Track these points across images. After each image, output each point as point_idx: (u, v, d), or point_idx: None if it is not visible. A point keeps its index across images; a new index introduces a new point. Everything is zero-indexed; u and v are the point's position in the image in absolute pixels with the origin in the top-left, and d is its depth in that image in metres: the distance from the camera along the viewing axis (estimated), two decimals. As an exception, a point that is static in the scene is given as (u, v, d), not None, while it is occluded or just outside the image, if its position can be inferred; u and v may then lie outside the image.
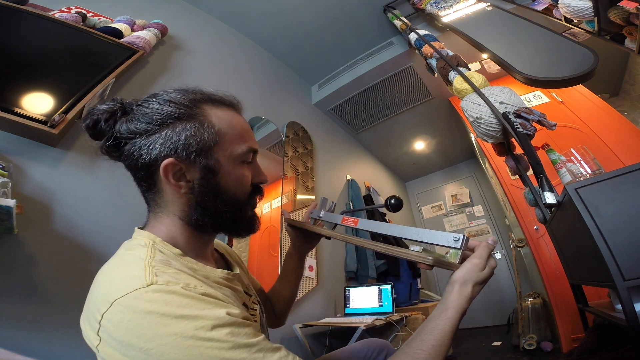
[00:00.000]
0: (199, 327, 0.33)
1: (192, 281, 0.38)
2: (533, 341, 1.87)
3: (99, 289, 0.38)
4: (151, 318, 0.33)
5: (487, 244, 0.48)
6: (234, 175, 0.48)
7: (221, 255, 0.63)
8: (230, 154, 0.48)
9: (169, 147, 0.44)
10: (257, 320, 0.55)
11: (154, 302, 0.33)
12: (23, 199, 0.83)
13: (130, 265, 0.39)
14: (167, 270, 0.38)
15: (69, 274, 0.88)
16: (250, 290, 0.60)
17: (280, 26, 2.32)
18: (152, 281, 0.35)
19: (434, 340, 0.41)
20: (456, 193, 4.06)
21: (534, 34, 1.44)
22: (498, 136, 1.20)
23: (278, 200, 1.89)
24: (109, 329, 0.34)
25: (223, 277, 0.48)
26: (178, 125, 0.45)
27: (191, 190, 0.46)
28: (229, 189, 0.48)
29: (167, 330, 0.32)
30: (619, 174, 0.75)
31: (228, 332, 0.34)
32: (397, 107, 3.00)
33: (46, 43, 1.09)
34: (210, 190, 0.47)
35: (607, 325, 1.09)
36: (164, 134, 0.44)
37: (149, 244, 0.44)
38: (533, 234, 1.94)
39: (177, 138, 0.44)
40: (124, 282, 0.36)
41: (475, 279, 0.44)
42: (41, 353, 0.76)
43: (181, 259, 0.44)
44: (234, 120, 0.50)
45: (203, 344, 0.32)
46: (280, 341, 1.51)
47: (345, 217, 0.69)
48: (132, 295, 0.34)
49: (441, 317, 0.43)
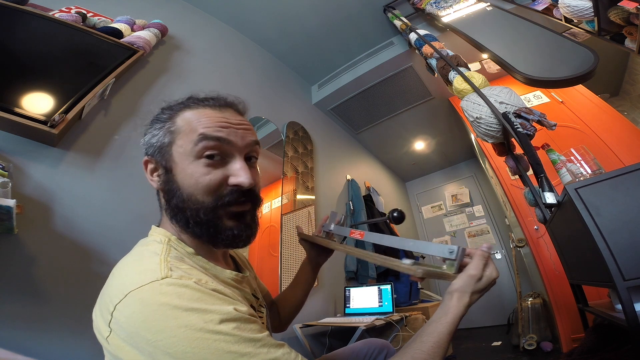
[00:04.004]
0: (207, 320, 0.34)
1: (203, 277, 0.39)
2: (533, 341, 1.87)
3: (114, 282, 0.39)
4: (163, 310, 0.33)
5: (482, 253, 0.49)
6: (187, 171, 0.45)
7: (231, 257, 0.63)
8: (185, 149, 0.46)
9: (145, 147, 0.50)
10: (264, 322, 0.56)
11: (167, 295, 0.34)
12: (23, 199, 0.83)
13: (146, 259, 0.41)
14: (181, 266, 0.40)
15: (69, 274, 0.88)
16: (258, 294, 0.60)
17: (280, 26, 2.32)
18: (166, 275, 0.36)
19: (433, 343, 0.43)
20: (456, 193, 4.06)
21: (534, 34, 1.44)
22: (498, 136, 1.20)
23: (278, 201, 1.89)
24: (120, 319, 0.34)
25: (232, 278, 0.49)
26: (151, 128, 0.50)
27: (161, 188, 0.49)
28: (183, 187, 0.45)
29: (176, 322, 0.33)
30: (619, 174, 0.75)
31: (235, 326, 0.35)
32: (397, 107, 3.00)
33: (46, 43, 1.09)
34: (168, 189, 0.47)
35: (607, 325, 1.09)
36: (146, 135, 0.51)
37: (165, 241, 0.45)
38: (533, 234, 1.94)
39: (148, 139, 0.50)
40: (140, 275, 0.37)
41: (472, 289, 0.46)
42: (41, 353, 0.76)
43: (193, 257, 0.46)
44: (201, 115, 0.47)
45: (211, 336, 0.33)
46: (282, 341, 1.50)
47: (352, 230, 0.73)
48: (146, 288, 0.35)
49: (441, 322, 0.45)
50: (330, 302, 2.02)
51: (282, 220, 1.83)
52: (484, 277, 0.47)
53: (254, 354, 0.34)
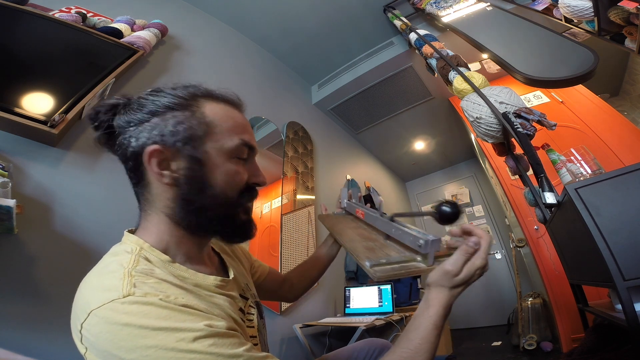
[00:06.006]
0: (179, 339, 0.32)
1: (173, 292, 0.37)
2: (533, 341, 1.88)
3: (79, 297, 0.38)
4: (129, 330, 0.32)
5: (465, 248, 0.44)
6: (223, 169, 0.45)
7: (217, 254, 0.59)
8: (222, 146, 0.45)
9: (156, 133, 0.43)
10: (254, 326, 0.53)
11: (130, 315, 0.33)
12: (23, 199, 0.83)
13: (110, 274, 0.38)
14: (147, 281, 0.37)
15: (69, 274, 0.88)
16: (247, 292, 0.57)
17: (280, 26, 2.32)
18: (129, 292, 0.34)
19: (420, 338, 0.41)
20: (456, 193, 4.06)
21: (534, 34, 1.44)
22: (498, 136, 1.20)
23: (278, 200, 1.89)
24: (90, 339, 0.33)
25: (216, 285, 0.46)
26: (168, 114, 0.44)
27: (176, 181, 0.44)
28: (217, 183, 0.45)
29: (146, 342, 0.31)
30: (619, 174, 0.75)
31: (211, 343, 0.33)
32: (397, 107, 3.00)
33: (46, 43, 1.09)
34: (195, 183, 0.44)
35: (607, 325, 1.08)
36: (153, 121, 0.44)
37: (135, 251, 0.42)
38: (533, 234, 1.94)
39: (165, 124, 0.43)
40: (101, 293, 0.35)
41: (449, 284, 0.43)
42: (41, 353, 0.76)
43: (169, 266, 0.42)
44: (230, 114, 0.48)
45: (185, 355, 0.32)
46: (280, 341, 1.51)
47: (357, 209, 0.77)
48: (107, 307, 0.33)
49: (424, 315, 0.43)
50: (330, 302, 2.02)
51: (282, 220, 1.83)
52: (462, 273, 0.43)
53: None
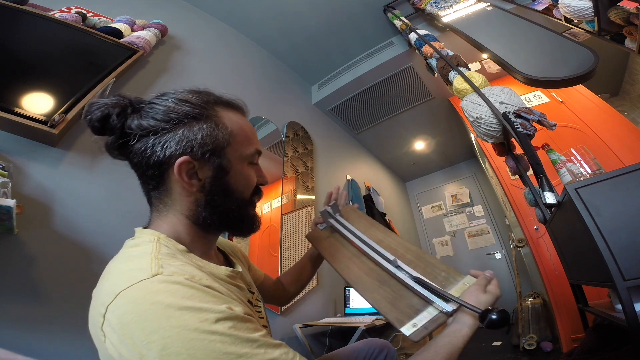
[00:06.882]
0: (202, 319, 0.33)
1: (197, 273, 0.38)
2: (533, 341, 1.87)
3: (104, 283, 0.38)
4: (155, 309, 0.32)
5: (484, 276, 0.56)
6: (243, 175, 0.51)
7: (222, 252, 0.63)
8: (241, 154, 0.50)
9: (185, 145, 0.45)
10: (263, 317, 0.56)
11: (158, 293, 0.34)
12: (23, 199, 0.83)
13: (136, 259, 0.39)
14: (173, 263, 0.39)
15: (69, 274, 0.88)
16: (253, 287, 0.60)
17: (280, 26, 2.32)
18: (157, 272, 0.36)
19: (447, 354, 0.44)
20: (456, 193, 4.06)
21: (534, 34, 1.44)
22: (498, 136, 1.20)
23: (278, 200, 1.89)
24: (112, 321, 0.33)
25: (227, 275, 0.49)
26: (195, 125, 0.46)
27: (202, 188, 0.47)
28: (238, 188, 0.50)
29: (170, 322, 0.32)
30: (619, 174, 0.75)
31: (231, 325, 0.34)
32: (397, 107, 3.00)
33: (46, 43, 1.09)
34: (220, 189, 0.48)
35: (607, 325, 1.08)
36: (181, 132, 0.45)
37: (154, 240, 0.44)
38: (533, 234, 1.94)
39: (194, 137, 0.46)
40: (130, 274, 0.36)
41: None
42: (41, 353, 0.76)
43: (186, 255, 0.45)
44: (243, 123, 0.53)
45: (206, 337, 0.32)
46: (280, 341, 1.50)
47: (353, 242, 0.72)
48: (137, 287, 0.34)
49: (456, 335, 0.47)
50: (330, 302, 2.02)
51: (282, 220, 1.83)
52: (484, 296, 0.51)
53: (252, 355, 0.33)
